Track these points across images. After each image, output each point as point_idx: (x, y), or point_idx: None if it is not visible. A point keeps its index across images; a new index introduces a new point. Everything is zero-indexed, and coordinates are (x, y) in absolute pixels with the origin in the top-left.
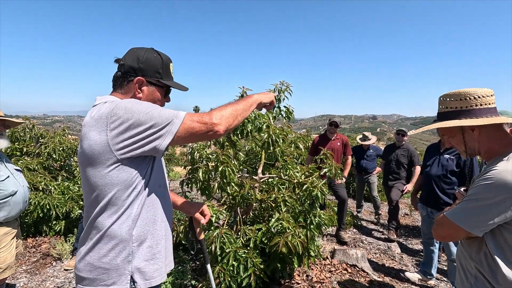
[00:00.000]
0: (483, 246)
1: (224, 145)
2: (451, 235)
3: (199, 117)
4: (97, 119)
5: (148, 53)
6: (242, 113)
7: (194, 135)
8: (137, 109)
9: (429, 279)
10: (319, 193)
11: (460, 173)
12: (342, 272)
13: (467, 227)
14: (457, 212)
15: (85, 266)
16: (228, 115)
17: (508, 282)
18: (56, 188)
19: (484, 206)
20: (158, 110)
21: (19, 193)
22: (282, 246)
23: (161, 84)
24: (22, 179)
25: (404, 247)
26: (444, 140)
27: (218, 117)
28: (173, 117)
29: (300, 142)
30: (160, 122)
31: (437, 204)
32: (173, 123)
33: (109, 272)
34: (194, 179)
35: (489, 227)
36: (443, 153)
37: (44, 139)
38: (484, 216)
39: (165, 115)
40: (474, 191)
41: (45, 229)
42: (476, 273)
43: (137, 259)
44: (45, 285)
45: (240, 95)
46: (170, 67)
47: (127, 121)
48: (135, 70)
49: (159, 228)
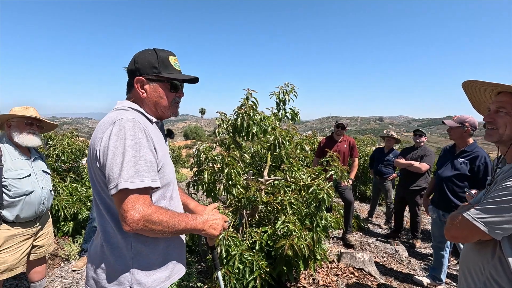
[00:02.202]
0: (496, 250)
1: (230, 147)
2: (466, 236)
3: (134, 203)
4: (99, 126)
5: (143, 52)
6: (164, 235)
7: (120, 209)
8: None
9: (438, 284)
10: (325, 196)
11: (473, 177)
12: (349, 275)
13: (488, 229)
14: (478, 213)
15: (91, 266)
16: (151, 230)
17: None
18: (64, 189)
19: (510, 208)
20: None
21: (35, 193)
22: (288, 249)
23: (161, 78)
24: (45, 181)
25: (412, 250)
26: (491, 112)
27: (143, 220)
28: (119, 182)
29: (306, 144)
30: (112, 178)
31: (448, 207)
32: (116, 187)
33: (109, 280)
34: (200, 181)
35: (510, 231)
36: (458, 156)
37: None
38: (508, 219)
39: (117, 172)
40: (500, 193)
41: (54, 230)
42: (486, 280)
43: (137, 270)
44: (53, 285)
45: (246, 97)
46: (170, 60)
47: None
48: (133, 71)
49: (161, 238)
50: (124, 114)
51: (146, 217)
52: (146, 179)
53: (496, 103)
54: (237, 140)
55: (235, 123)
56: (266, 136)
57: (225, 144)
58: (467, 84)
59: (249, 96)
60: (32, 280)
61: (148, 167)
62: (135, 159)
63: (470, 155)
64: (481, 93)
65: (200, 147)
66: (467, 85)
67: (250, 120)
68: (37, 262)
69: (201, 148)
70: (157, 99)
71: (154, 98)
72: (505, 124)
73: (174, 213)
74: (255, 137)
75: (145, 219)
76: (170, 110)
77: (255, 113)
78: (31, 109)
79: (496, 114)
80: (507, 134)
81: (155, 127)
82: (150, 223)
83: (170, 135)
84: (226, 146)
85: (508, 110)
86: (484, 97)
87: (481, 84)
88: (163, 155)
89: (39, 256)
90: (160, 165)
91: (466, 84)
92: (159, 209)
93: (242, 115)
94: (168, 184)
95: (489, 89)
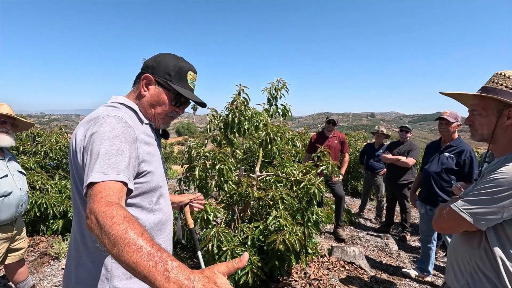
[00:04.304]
0: (482, 241)
1: (222, 143)
2: (453, 227)
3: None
4: (83, 122)
5: (168, 54)
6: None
7: (88, 201)
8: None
9: (426, 275)
10: (316, 191)
11: (459, 171)
12: (340, 269)
13: (474, 220)
14: (465, 204)
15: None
16: (105, 234)
17: (511, 278)
18: (53, 187)
19: (495, 199)
20: (106, 156)
21: (13, 195)
22: (279, 244)
23: (169, 87)
24: (22, 182)
25: (402, 244)
26: (469, 115)
27: (99, 220)
28: (99, 173)
29: (297, 140)
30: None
31: (435, 202)
32: (90, 177)
33: (87, 287)
34: (192, 178)
35: (495, 222)
36: (444, 151)
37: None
38: (492, 210)
39: (101, 164)
40: (486, 185)
41: (43, 228)
42: (472, 270)
43: (116, 278)
44: (42, 284)
45: (237, 93)
46: (188, 75)
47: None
48: (148, 67)
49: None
50: (111, 111)
51: (108, 214)
52: (122, 173)
53: (470, 106)
54: (228, 136)
55: (226, 119)
56: (258, 132)
57: (216, 140)
58: (443, 93)
59: (241, 92)
60: (17, 281)
61: (124, 161)
62: (110, 152)
63: (456, 149)
64: (462, 96)
65: (191, 143)
66: (444, 94)
67: (241, 116)
68: (17, 264)
69: (192, 144)
70: (156, 104)
71: (153, 101)
72: (482, 125)
73: (135, 231)
74: (246, 133)
75: (106, 215)
76: (163, 120)
77: (247, 109)
78: (5, 106)
79: (473, 116)
80: (486, 133)
81: (148, 128)
82: (109, 219)
83: (165, 136)
84: (218, 142)
85: (479, 112)
86: (466, 99)
87: (451, 94)
88: (151, 157)
89: (18, 259)
90: (147, 168)
91: (443, 93)
92: (127, 215)
93: (234, 111)
94: (154, 189)
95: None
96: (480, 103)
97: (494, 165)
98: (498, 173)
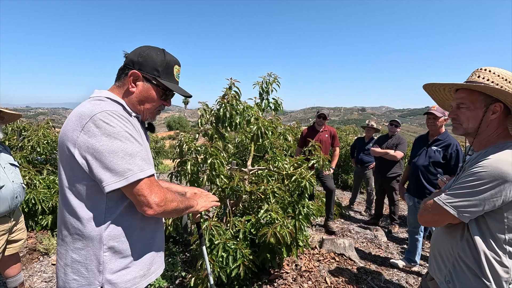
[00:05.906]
0: (464, 233)
1: (213, 137)
2: (437, 220)
3: (151, 189)
4: (75, 117)
5: (152, 50)
6: (176, 213)
7: (135, 198)
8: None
9: (413, 265)
10: (307, 184)
11: (446, 164)
12: (330, 261)
13: (457, 213)
14: (448, 198)
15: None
16: (170, 210)
17: (491, 268)
18: (41, 182)
19: (476, 192)
20: (122, 156)
21: (6, 188)
22: (270, 237)
23: (158, 83)
24: (15, 175)
25: (390, 235)
26: (453, 109)
27: (162, 204)
28: (130, 172)
29: (289, 134)
30: (118, 171)
31: (423, 195)
32: (127, 179)
33: (79, 281)
34: (183, 172)
35: (477, 214)
36: (431, 144)
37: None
38: (474, 203)
39: (124, 165)
40: (467, 178)
41: (31, 224)
42: (454, 261)
43: (108, 270)
44: (32, 280)
45: (228, 87)
46: (174, 69)
47: (97, 145)
48: (134, 63)
49: (137, 236)
50: (103, 106)
51: (165, 198)
52: (151, 166)
53: (456, 100)
54: (220, 130)
55: (217, 113)
56: (249, 126)
57: (208, 134)
58: (427, 86)
59: (232, 86)
60: (8, 276)
61: (144, 153)
62: (136, 149)
63: (443, 143)
64: (442, 92)
65: (182, 138)
66: (427, 87)
67: (233, 110)
68: (11, 257)
69: (184, 138)
70: (145, 100)
71: (142, 97)
72: (467, 119)
73: (176, 199)
74: (238, 127)
75: (165, 200)
76: (151, 114)
77: (238, 103)
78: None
79: (458, 110)
80: (471, 127)
81: (135, 120)
82: (169, 201)
83: (151, 129)
84: (209, 136)
85: (467, 105)
86: (445, 95)
87: (439, 85)
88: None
89: (14, 252)
90: None
91: (427, 87)
92: (166, 189)
93: (225, 105)
94: None
95: (447, 88)
96: (468, 97)
97: (474, 158)
98: (478, 167)
